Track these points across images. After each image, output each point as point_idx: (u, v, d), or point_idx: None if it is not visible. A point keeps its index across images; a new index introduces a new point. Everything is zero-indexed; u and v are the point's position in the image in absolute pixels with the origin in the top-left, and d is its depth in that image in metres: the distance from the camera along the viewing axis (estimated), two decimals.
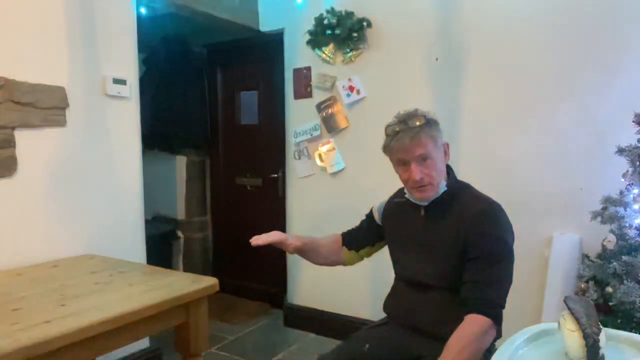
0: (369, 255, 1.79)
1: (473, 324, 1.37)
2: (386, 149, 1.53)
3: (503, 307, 1.42)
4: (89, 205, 2.35)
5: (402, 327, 1.58)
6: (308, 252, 1.74)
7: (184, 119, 3.87)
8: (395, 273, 1.69)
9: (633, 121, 1.90)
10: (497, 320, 1.39)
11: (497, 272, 1.42)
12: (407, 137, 1.44)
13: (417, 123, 1.45)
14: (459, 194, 1.54)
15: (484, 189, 1.58)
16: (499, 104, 2.54)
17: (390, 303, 1.69)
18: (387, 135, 1.52)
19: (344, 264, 1.79)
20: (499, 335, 1.47)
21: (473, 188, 1.60)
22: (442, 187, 1.51)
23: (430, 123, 1.47)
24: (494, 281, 1.41)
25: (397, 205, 1.67)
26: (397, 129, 1.47)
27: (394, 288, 1.70)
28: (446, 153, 1.54)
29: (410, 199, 1.56)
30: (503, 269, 1.44)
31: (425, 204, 1.54)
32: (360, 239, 1.77)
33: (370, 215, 1.78)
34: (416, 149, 1.45)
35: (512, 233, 1.50)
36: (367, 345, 1.59)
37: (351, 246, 1.76)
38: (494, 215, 1.48)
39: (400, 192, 1.66)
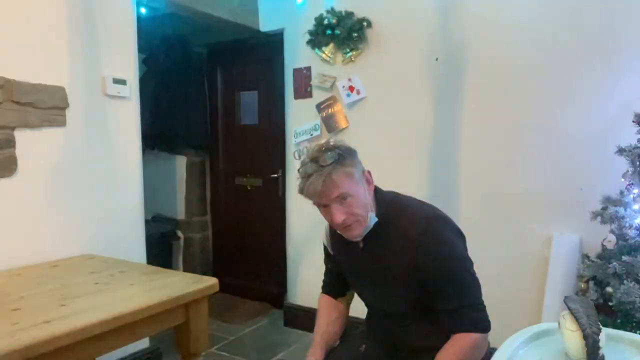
0: None
1: (464, 339, 1.35)
2: (302, 193, 1.37)
3: (486, 311, 1.40)
4: (89, 205, 2.35)
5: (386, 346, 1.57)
6: (332, 342, 1.61)
7: (184, 119, 3.86)
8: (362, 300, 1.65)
9: (633, 121, 1.90)
10: (487, 330, 1.38)
11: (465, 287, 1.38)
12: (320, 181, 1.30)
13: (328, 162, 1.31)
14: (392, 217, 1.42)
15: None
16: (499, 103, 2.53)
17: (367, 327, 1.66)
18: (300, 177, 1.36)
19: (348, 307, 1.70)
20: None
21: (405, 204, 1.48)
22: (372, 219, 1.40)
23: (342, 158, 1.33)
24: (470, 301, 1.37)
25: (339, 236, 1.48)
26: (309, 172, 1.32)
27: (368, 313, 1.68)
28: (369, 181, 1.42)
29: None
30: (469, 279, 1.39)
31: (359, 239, 1.44)
32: (340, 285, 1.66)
33: (327, 253, 1.66)
34: (332, 192, 1.32)
35: (461, 236, 1.44)
36: (363, 346, 1.60)
37: (339, 294, 1.67)
38: (436, 233, 1.38)
39: None
